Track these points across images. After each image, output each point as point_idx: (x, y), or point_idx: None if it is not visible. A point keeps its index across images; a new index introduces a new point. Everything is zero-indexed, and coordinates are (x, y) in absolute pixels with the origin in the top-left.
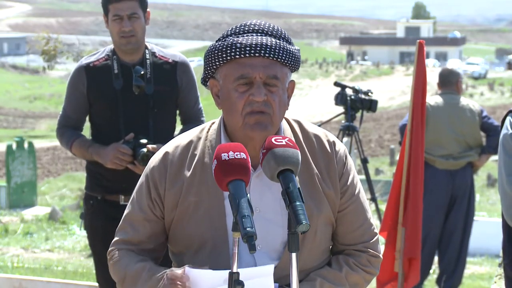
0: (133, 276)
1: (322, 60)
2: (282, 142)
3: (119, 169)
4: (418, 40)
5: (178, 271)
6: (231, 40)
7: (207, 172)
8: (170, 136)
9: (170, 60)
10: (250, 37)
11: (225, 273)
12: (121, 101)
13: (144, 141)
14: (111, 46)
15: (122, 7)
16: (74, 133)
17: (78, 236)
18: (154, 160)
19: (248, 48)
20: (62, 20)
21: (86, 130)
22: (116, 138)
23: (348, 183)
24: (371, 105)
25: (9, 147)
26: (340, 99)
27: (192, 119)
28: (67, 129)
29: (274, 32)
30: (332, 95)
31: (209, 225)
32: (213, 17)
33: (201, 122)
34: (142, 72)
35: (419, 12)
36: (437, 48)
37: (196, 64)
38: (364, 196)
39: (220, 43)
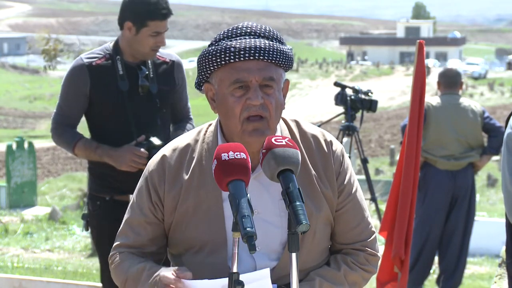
0: (134, 278)
1: (322, 60)
2: (282, 142)
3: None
4: (418, 40)
5: (170, 274)
6: (224, 44)
7: (205, 175)
8: (169, 134)
9: (167, 60)
10: (243, 40)
11: (222, 281)
12: (129, 102)
13: (158, 142)
14: (109, 45)
15: (163, 25)
16: (76, 133)
17: (78, 236)
18: (153, 163)
19: (242, 52)
20: (62, 20)
21: (83, 130)
22: (127, 140)
23: (345, 182)
24: (371, 105)
25: (9, 147)
26: (340, 99)
27: (184, 117)
28: (66, 128)
29: (266, 33)
30: (332, 95)
31: (208, 228)
32: (213, 17)
33: (191, 119)
34: (147, 72)
35: (419, 12)
36: (437, 48)
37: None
38: (362, 195)
39: (213, 47)
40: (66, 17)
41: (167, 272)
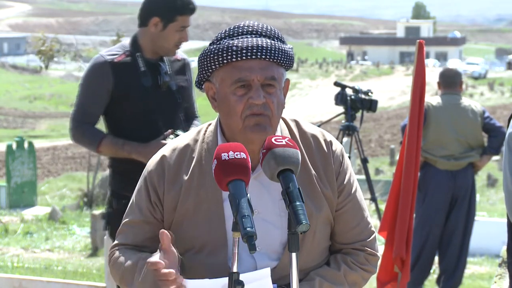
0: (130, 268)
1: (322, 60)
2: (282, 142)
3: None
4: (418, 40)
5: (155, 257)
6: (226, 43)
7: (205, 175)
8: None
9: (179, 58)
10: (245, 39)
11: (222, 281)
12: (154, 98)
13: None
14: (127, 42)
15: (189, 20)
16: (99, 131)
17: (78, 236)
18: (152, 163)
19: (244, 51)
20: (62, 20)
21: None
22: (152, 135)
23: (345, 182)
24: (371, 105)
25: (9, 147)
26: (340, 99)
27: (192, 115)
28: (87, 126)
29: (268, 32)
30: (332, 95)
31: (208, 228)
32: (213, 17)
33: (198, 117)
34: (166, 69)
35: (419, 12)
36: (437, 48)
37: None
38: (361, 195)
39: (215, 46)
40: (66, 17)
41: (154, 257)
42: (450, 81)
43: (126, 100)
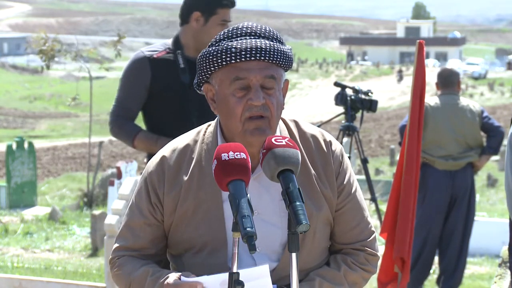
0: (138, 282)
1: (322, 60)
2: (282, 142)
3: None
4: (418, 40)
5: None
6: (225, 45)
7: (204, 176)
8: None
9: None
10: (244, 41)
11: (220, 277)
12: (191, 95)
13: None
14: (169, 40)
15: (229, 13)
16: (135, 126)
17: (78, 236)
18: (152, 164)
19: (243, 52)
20: (62, 20)
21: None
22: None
23: (345, 182)
24: (371, 105)
25: (9, 147)
26: (340, 99)
27: None
28: (126, 121)
29: (266, 33)
30: (332, 95)
31: (208, 229)
32: None
33: None
34: None
35: (419, 12)
36: (437, 48)
37: None
38: (361, 195)
39: (213, 48)
40: (66, 17)
41: (172, 279)
42: (448, 81)
43: (164, 96)
